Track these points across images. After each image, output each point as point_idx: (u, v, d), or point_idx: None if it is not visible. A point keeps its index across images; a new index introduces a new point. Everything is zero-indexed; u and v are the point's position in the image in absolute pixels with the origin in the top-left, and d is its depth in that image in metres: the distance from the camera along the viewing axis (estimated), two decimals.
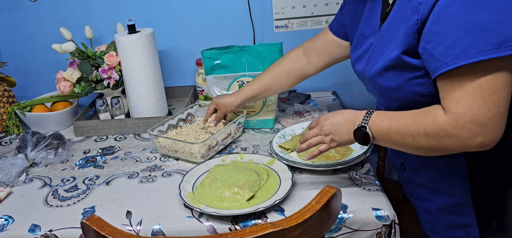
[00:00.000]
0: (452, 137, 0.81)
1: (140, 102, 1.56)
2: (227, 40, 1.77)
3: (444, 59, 0.78)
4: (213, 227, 1.03)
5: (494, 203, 0.94)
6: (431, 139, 0.84)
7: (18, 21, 1.81)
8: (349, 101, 1.89)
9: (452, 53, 0.77)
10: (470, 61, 0.75)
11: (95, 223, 0.79)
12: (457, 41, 0.76)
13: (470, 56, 0.75)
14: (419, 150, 0.88)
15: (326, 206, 0.80)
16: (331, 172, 1.19)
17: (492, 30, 0.73)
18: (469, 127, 0.78)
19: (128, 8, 1.76)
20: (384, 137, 0.92)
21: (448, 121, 0.81)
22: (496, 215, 0.94)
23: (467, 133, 0.79)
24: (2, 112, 1.65)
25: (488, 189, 0.93)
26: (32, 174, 1.34)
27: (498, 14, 0.73)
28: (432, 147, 0.85)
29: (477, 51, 0.74)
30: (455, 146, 0.82)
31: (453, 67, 0.77)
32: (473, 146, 0.80)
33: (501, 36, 0.73)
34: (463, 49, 0.75)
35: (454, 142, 0.81)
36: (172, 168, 1.30)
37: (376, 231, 1.02)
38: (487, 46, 0.74)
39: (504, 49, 0.73)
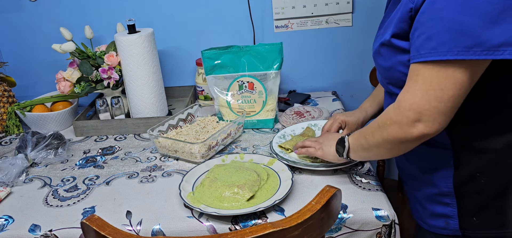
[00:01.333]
0: (395, 124, 0.88)
1: (140, 102, 1.56)
2: (227, 40, 1.77)
3: (420, 50, 0.83)
4: (213, 227, 1.03)
5: (476, 199, 0.95)
6: (382, 130, 0.91)
7: (18, 21, 1.81)
8: (349, 101, 1.89)
9: (427, 46, 0.81)
10: (439, 58, 0.79)
11: (95, 223, 0.79)
12: (434, 36, 0.80)
13: (440, 53, 0.79)
14: (378, 146, 0.95)
15: (326, 206, 0.81)
16: (331, 172, 1.19)
17: (467, 33, 0.76)
18: (408, 114, 0.85)
19: (128, 8, 1.76)
20: (356, 144, 1.03)
21: (393, 107, 0.88)
22: (478, 211, 0.95)
23: (406, 119, 0.85)
24: (2, 112, 1.65)
25: (472, 183, 0.94)
26: (32, 174, 1.34)
27: (478, 19, 0.76)
28: (384, 139, 0.91)
29: (447, 50, 0.78)
30: (397, 133, 0.88)
31: (424, 60, 0.82)
32: (414, 135, 0.86)
33: (474, 40, 0.76)
34: (436, 45, 0.79)
35: (396, 129, 0.88)
36: (172, 168, 1.30)
37: (376, 231, 1.02)
38: (457, 47, 0.77)
39: (472, 53, 0.77)
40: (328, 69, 1.83)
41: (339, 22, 1.76)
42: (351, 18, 1.75)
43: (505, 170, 0.92)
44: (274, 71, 1.49)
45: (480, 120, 0.91)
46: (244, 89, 1.51)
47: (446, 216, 0.99)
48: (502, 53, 0.76)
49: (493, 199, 0.94)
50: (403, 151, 0.94)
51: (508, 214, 0.94)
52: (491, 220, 0.95)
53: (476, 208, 0.95)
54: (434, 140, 0.95)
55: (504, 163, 0.91)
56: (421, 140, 0.87)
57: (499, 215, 0.94)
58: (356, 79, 1.84)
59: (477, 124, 0.91)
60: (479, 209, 0.95)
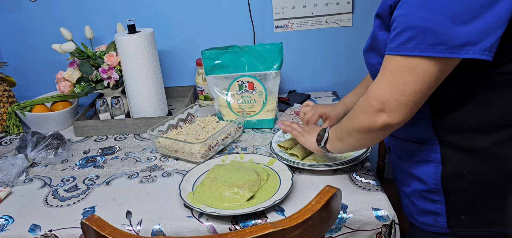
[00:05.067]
0: (363, 113, 0.92)
1: (140, 102, 1.56)
2: (227, 40, 1.77)
3: (391, 44, 0.86)
4: (213, 227, 1.03)
5: (464, 196, 0.95)
6: (352, 119, 0.96)
7: (18, 21, 1.81)
8: None
9: (396, 41, 0.84)
10: (405, 53, 0.82)
11: (95, 223, 0.79)
12: (403, 31, 0.83)
13: (406, 48, 0.82)
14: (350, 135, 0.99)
15: (326, 206, 0.81)
16: (331, 172, 1.19)
17: (432, 31, 0.79)
18: (373, 103, 0.89)
19: (128, 8, 1.76)
20: (332, 134, 1.07)
21: (362, 98, 0.93)
22: (466, 209, 0.96)
23: (371, 108, 0.89)
24: (2, 112, 1.65)
25: (459, 181, 0.95)
26: (32, 174, 1.34)
27: (443, 17, 0.78)
28: (353, 127, 0.96)
29: (413, 46, 0.81)
30: (364, 123, 0.92)
31: (392, 53, 0.85)
32: (378, 124, 0.90)
33: (438, 39, 0.79)
34: (404, 41, 0.82)
35: (363, 117, 0.92)
36: (172, 168, 1.30)
37: (376, 231, 1.02)
38: (422, 44, 0.80)
39: (437, 51, 0.80)
40: (328, 69, 1.83)
41: (339, 22, 1.76)
42: (351, 18, 1.75)
43: (492, 168, 0.92)
44: (274, 71, 1.49)
45: (466, 119, 0.91)
46: (244, 89, 1.51)
47: (434, 213, 1.00)
48: (466, 52, 0.79)
49: (481, 197, 0.94)
50: (371, 142, 0.97)
51: (495, 212, 0.94)
52: (478, 218, 0.96)
53: (464, 206, 0.96)
54: (422, 137, 0.97)
55: (491, 161, 0.92)
56: (385, 130, 0.90)
57: (487, 213, 0.95)
58: (356, 79, 1.84)
59: (464, 123, 0.92)
60: (467, 207, 0.96)
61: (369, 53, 1.02)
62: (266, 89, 1.50)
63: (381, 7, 0.92)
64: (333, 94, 1.78)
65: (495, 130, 0.90)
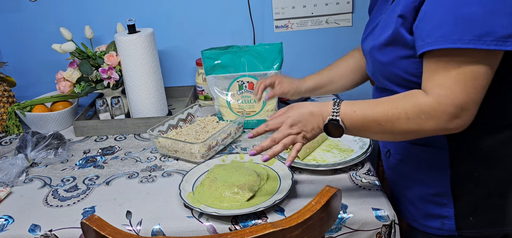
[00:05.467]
0: (433, 119, 0.84)
1: (140, 102, 1.56)
2: (227, 40, 1.77)
3: (427, 39, 0.82)
4: (213, 227, 1.03)
5: (473, 198, 0.94)
6: (411, 122, 0.85)
7: (18, 21, 1.81)
8: None
9: (435, 34, 0.80)
10: (449, 46, 0.78)
11: (95, 223, 0.79)
12: (442, 24, 0.79)
13: (449, 41, 0.79)
14: (395, 135, 0.89)
15: (326, 206, 0.81)
16: (331, 172, 1.19)
17: (475, 22, 0.77)
18: (449, 110, 0.82)
19: (128, 8, 1.76)
20: (358, 127, 0.91)
21: (431, 103, 0.83)
22: (474, 211, 0.95)
23: (447, 115, 0.82)
24: (2, 112, 1.65)
25: (468, 183, 0.94)
26: (32, 174, 1.34)
27: (485, 8, 0.76)
28: (411, 130, 0.86)
29: (457, 38, 0.78)
30: (433, 128, 0.85)
31: (433, 48, 0.81)
32: (450, 128, 0.84)
33: (483, 30, 0.77)
34: (445, 33, 0.79)
35: (433, 123, 0.84)
36: (172, 168, 1.30)
37: (376, 231, 1.02)
38: (467, 36, 0.77)
39: (482, 43, 0.77)
40: None
41: (339, 22, 1.76)
42: (351, 18, 1.75)
43: (501, 168, 0.92)
44: (274, 71, 1.49)
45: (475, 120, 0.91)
46: (244, 89, 1.51)
47: (442, 217, 0.98)
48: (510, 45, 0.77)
49: (489, 198, 0.94)
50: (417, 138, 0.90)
51: (504, 212, 0.94)
52: (487, 218, 0.95)
53: (472, 207, 0.95)
54: (430, 140, 0.95)
55: (500, 161, 0.91)
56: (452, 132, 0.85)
57: (495, 213, 0.94)
58: None
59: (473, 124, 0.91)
60: (475, 208, 0.95)
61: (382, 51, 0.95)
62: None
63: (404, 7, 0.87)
64: (333, 94, 1.78)
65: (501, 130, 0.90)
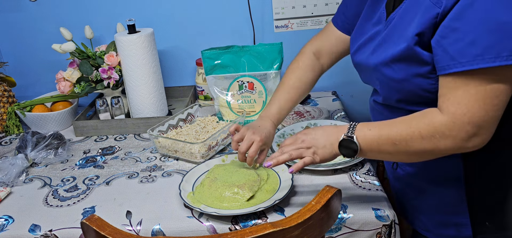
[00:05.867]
0: (449, 138, 0.81)
1: (140, 102, 1.56)
2: (227, 40, 1.77)
3: (460, 59, 0.76)
4: (213, 227, 1.03)
5: (488, 203, 0.94)
6: (426, 142, 0.83)
7: (18, 21, 1.81)
8: (349, 101, 1.89)
9: (470, 53, 0.75)
10: (487, 65, 0.74)
11: (95, 223, 0.79)
12: (477, 40, 0.74)
13: (487, 60, 0.74)
14: (410, 155, 0.87)
15: (326, 206, 0.81)
16: (331, 172, 1.19)
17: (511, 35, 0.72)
18: (466, 128, 0.79)
19: (128, 8, 1.76)
20: (373, 147, 0.89)
21: (446, 122, 0.80)
22: (489, 215, 0.94)
23: (464, 134, 0.79)
24: (2, 112, 1.65)
25: (483, 189, 0.93)
26: (32, 174, 1.34)
27: None
28: (425, 150, 0.84)
29: (495, 56, 0.73)
30: (449, 147, 0.82)
31: (469, 68, 0.76)
32: (468, 147, 0.81)
33: None
34: (481, 51, 0.74)
35: (449, 143, 0.81)
36: (172, 168, 1.30)
37: (376, 231, 1.02)
38: (505, 52, 0.73)
39: None
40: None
41: None
42: None
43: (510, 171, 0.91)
44: (274, 71, 1.49)
45: None
46: (244, 89, 1.51)
47: (457, 224, 0.97)
48: None
49: (504, 201, 0.93)
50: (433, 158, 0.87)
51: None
52: (503, 222, 0.94)
53: (488, 212, 0.94)
54: None
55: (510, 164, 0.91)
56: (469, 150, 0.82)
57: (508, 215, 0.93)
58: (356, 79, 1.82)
59: None
60: (491, 213, 0.94)
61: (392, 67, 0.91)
62: (266, 89, 1.50)
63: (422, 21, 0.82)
64: (333, 94, 1.78)
65: None
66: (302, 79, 1.22)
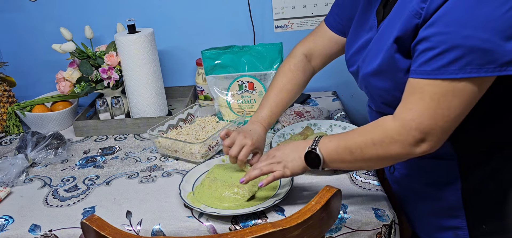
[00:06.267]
0: (398, 143, 0.84)
1: (140, 102, 1.56)
2: (227, 40, 1.77)
3: (426, 67, 0.78)
4: (213, 227, 1.03)
5: (485, 206, 0.94)
6: (378, 147, 0.86)
7: (18, 21, 1.81)
8: (349, 101, 1.89)
9: (435, 63, 0.77)
10: (450, 77, 0.76)
11: (95, 223, 0.79)
12: (444, 52, 0.76)
13: (450, 72, 0.76)
14: (367, 161, 0.90)
15: (326, 206, 0.81)
16: (331, 172, 1.19)
17: (481, 50, 0.73)
18: (413, 134, 0.81)
19: (128, 8, 1.76)
20: (334, 156, 0.94)
21: (396, 127, 0.84)
22: (486, 218, 0.94)
23: (411, 139, 0.82)
24: (2, 112, 1.65)
25: (480, 192, 0.93)
26: (32, 174, 1.34)
27: (491, 34, 0.72)
28: (379, 156, 0.87)
29: (458, 68, 0.75)
30: (400, 153, 0.85)
31: (431, 78, 0.78)
32: (416, 153, 0.84)
33: (487, 58, 0.73)
34: (446, 63, 0.76)
35: (398, 148, 0.84)
36: (172, 168, 1.30)
37: (376, 231, 1.02)
38: (469, 67, 0.74)
39: (485, 71, 0.74)
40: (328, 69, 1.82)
41: None
42: None
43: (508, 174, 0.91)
44: (274, 71, 1.49)
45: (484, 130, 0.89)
46: (244, 89, 1.51)
47: (455, 228, 0.97)
48: None
49: (500, 204, 0.93)
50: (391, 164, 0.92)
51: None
52: (500, 225, 0.94)
53: (484, 215, 0.94)
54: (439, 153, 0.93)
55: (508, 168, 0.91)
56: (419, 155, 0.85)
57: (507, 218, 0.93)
58: None
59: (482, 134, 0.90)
60: (488, 216, 0.94)
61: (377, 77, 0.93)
62: (266, 89, 1.50)
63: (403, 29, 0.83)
64: (333, 94, 1.78)
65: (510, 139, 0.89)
66: (292, 81, 1.22)
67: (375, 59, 0.92)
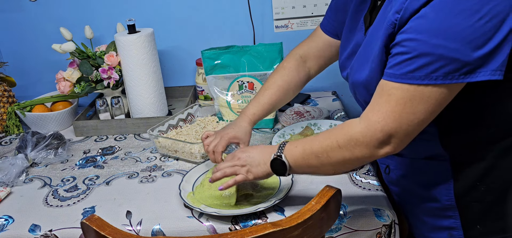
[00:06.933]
0: (362, 145, 0.85)
1: (140, 102, 1.56)
2: (227, 40, 1.77)
3: (396, 71, 0.79)
4: (213, 227, 1.03)
5: (478, 207, 0.94)
6: (344, 150, 0.87)
7: (18, 21, 1.81)
8: (349, 101, 1.89)
9: (404, 68, 0.78)
10: (416, 82, 0.77)
11: (95, 223, 0.79)
12: (414, 58, 0.77)
13: (416, 78, 0.77)
14: (334, 165, 0.91)
15: (326, 206, 0.81)
16: (331, 172, 1.19)
17: (447, 59, 0.74)
18: (378, 136, 0.82)
19: (128, 8, 1.76)
20: (300, 162, 0.94)
21: (361, 129, 0.85)
22: (480, 219, 0.95)
23: (375, 141, 0.83)
24: (2, 112, 1.65)
25: (473, 193, 0.93)
26: (32, 174, 1.34)
27: (460, 44, 0.73)
28: (345, 159, 0.88)
29: (424, 75, 0.76)
30: (364, 154, 0.85)
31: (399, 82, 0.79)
32: (379, 155, 0.85)
33: (453, 66, 0.75)
34: (415, 68, 0.77)
35: (363, 149, 0.85)
36: (172, 168, 1.30)
37: (376, 231, 1.02)
38: (435, 73, 0.76)
39: (451, 78, 0.76)
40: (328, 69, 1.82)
41: None
42: None
43: (504, 174, 0.91)
44: None
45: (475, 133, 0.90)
46: (244, 89, 1.51)
47: (449, 228, 0.97)
48: (478, 75, 0.76)
49: (494, 205, 0.93)
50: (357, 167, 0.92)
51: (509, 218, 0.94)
52: (494, 225, 0.94)
53: (478, 216, 0.94)
54: (432, 153, 0.94)
55: (503, 167, 0.91)
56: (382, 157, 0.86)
57: (501, 220, 0.94)
58: None
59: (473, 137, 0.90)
60: (481, 216, 0.94)
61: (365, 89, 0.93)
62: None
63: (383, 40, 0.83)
64: (333, 94, 1.78)
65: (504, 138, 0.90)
66: (285, 78, 1.23)
67: (363, 68, 0.93)
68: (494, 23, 0.73)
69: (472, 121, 0.89)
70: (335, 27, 1.19)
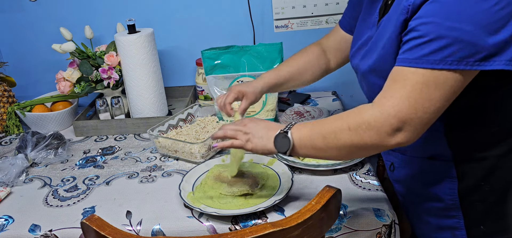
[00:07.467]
0: (373, 130, 0.81)
1: (140, 102, 1.56)
2: (227, 40, 1.77)
3: (409, 55, 0.78)
4: (213, 227, 1.03)
5: (482, 207, 0.94)
6: (353, 134, 0.83)
7: (18, 21, 1.81)
8: (349, 101, 1.89)
9: (418, 52, 0.77)
10: (431, 67, 0.76)
11: (95, 223, 0.79)
12: (426, 42, 0.76)
13: (431, 62, 0.76)
14: (340, 149, 0.86)
15: (326, 206, 0.81)
16: (331, 172, 1.19)
17: (462, 42, 0.74)
18: (391, 121, 0.79)
19: (128, 8, 1.76)
20: (305, 141, 0.90)
21: (374, 112, 0.81)
22: (484, 219, 0.95)
23: (388, 127, 0.79)
24: (2, 112, 1.65)
25: (476, 193, 0.93)
26: (32, 174, 1.34)
27: (475, 27, 0.73)
28: (353, 143, 0.84)
29: (439, 59, 0.75)
30: (374, 141, 0.81)
31: (413, 66, 0.78)
32: (390, 144, 0.81)
33: (468, 50, 0.74)
34: (427, 53, 0.76)
35: (374, 135, 0.81)
36: (172, 168, 1.30)
37: (376, 231, 1.02)
38: (450, 57, 0.75)
39: (465, 64, 0.75)
40: None
41: None
42: None
43: (506, 175, 0.91)
44: None
45: (481, 131, 0.90)
46: None
47: (452, 228, 0.97)
48: (492, 64, 0.75)
49: (498, 205, 0.93)
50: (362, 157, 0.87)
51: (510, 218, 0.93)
52: (497, 225, 0.94)
53: (482, 216, 0.94)
54: (436, 153, 0.94)
55: (507, 167, 0.91)
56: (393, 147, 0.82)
57: (504, 220, 0.94)
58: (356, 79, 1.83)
59: (477, 134, 0.90)
60: (485, 216, 0.94)
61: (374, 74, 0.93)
62: None
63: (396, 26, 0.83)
64: (333, 94, 1.78)
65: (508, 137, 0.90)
66: (305, 59, 1.26)
67: (373, 56, 0.93)
68: (509, 11, 0.73)
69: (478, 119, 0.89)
70: (351, 24, 1.21)
